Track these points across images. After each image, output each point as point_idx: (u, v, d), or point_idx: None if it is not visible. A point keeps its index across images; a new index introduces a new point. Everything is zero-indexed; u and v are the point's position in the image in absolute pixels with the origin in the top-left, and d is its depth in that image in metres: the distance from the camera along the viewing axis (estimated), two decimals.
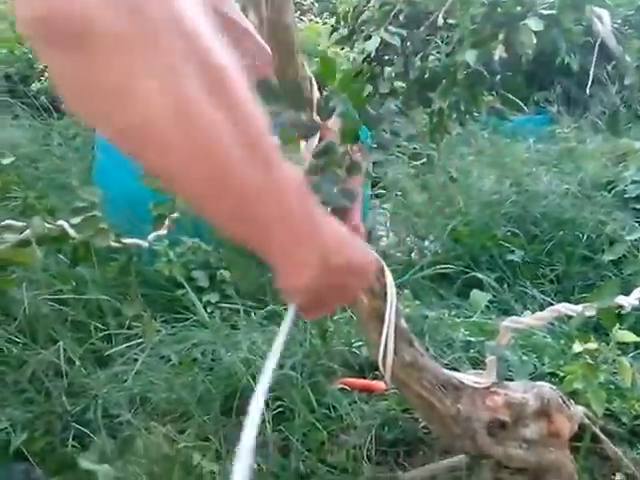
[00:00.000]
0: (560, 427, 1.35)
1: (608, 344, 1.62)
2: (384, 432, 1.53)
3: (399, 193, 3.25)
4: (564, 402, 1.37)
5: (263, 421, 1.53)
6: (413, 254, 2.93)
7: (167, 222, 1.18)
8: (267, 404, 1.55)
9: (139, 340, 1.83)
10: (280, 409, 1.56)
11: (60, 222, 1.11)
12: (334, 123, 1.15)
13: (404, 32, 1.23)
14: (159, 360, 1.75)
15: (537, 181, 3.17)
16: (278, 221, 0.59)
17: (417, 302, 2.06)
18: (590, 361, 1.39)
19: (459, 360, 1.74)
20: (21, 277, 2.01)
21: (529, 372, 1.65)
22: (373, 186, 3.31)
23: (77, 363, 1.90)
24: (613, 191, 3.09)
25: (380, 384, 1.68)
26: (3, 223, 1.12)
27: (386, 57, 1.30)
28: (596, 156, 3.49)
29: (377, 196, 3.33)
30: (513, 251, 2.72)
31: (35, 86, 4.56)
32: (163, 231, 1.17)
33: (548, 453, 1.35)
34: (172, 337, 1.84)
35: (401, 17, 1.24)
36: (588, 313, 1.15)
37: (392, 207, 3.27)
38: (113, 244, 1.14)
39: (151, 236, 1.14)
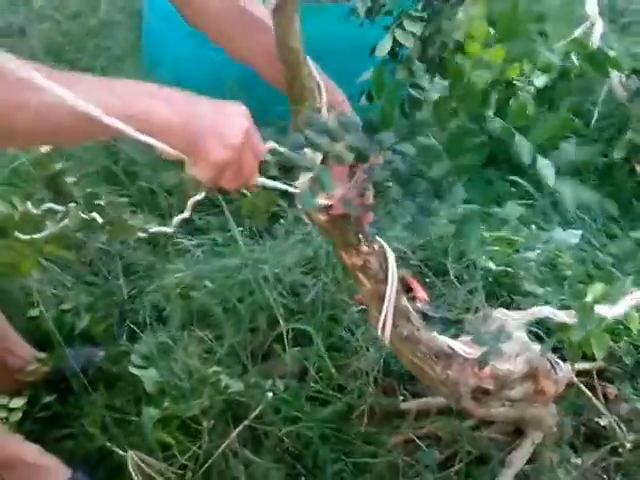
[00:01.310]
0: (546, 389, 1.47)
1: None
2: (392, 362, 1.70)
3: None
4: (552, 367, 1.47)
5: (283, 348, 1.71)
6: None
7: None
8: (287, 332, 1.72)
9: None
10: (298, 336, 1.74)
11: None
12: None
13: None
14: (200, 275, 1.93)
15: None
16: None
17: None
18: None
19: (476, 291, 1.84)
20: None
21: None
22: None
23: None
24: None
25: None
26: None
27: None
28: None
29: None
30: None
31: None
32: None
33: (531, 408, 1.49)
34: (209, 253, 2.02)
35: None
36: (569, 321, 1.22)
37: None
38: (140, 234, 1.26)
39: (175, 220, 1.18)
